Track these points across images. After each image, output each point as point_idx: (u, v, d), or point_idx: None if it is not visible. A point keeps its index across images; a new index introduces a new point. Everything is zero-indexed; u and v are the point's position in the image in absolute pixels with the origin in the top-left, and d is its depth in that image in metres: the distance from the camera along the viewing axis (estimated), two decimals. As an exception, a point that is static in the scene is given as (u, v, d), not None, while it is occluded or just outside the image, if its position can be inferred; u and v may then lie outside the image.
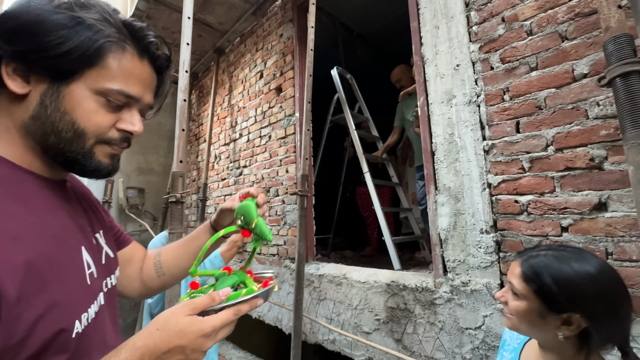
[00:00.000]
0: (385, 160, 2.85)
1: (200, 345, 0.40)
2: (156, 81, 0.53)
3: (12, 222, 0.38)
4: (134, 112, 0.49)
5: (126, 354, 0.38)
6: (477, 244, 1.38)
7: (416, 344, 1.54)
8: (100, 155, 0.48)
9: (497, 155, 1.35)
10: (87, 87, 0.44)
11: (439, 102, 1.58)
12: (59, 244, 0.43)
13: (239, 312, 0.44)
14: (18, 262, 0.36)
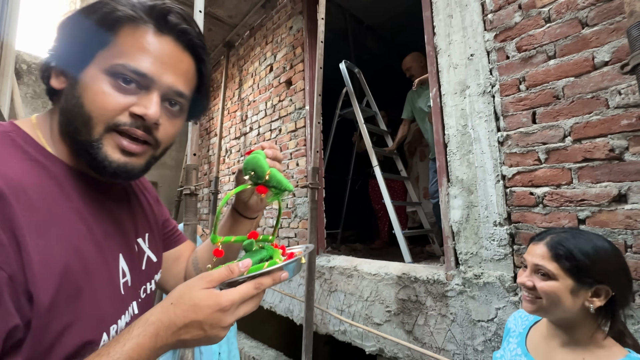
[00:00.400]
0: (393, 154, 2.83)
1: (218, 321, 0.37)
2: (188, 64, 0.45)
3: (58, 225, 0.37)
4: (151, 96, 0.42)
5: (139, 329, 0.36)
6: (490, 237, 1.36)
7: (427, 335, 1.54)
8: (109, 147, 0.41)
9: (512, 146, 1.33)
10: (97, 68, 0.40)
11: (452, 93, 1.55)
12: (98, 252, 0.42)
13: (261, 286, 0.40)
14: (56, 267, 0.35)
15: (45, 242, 0.34)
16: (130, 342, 0.34)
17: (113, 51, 0.40)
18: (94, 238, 0.41)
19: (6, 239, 0.31)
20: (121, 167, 0.42)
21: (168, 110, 0.45)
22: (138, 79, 0.41)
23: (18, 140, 0.39)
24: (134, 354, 0.34)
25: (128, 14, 0.41)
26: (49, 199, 0.37)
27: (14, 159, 0.37)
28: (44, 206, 0.36)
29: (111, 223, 0.46)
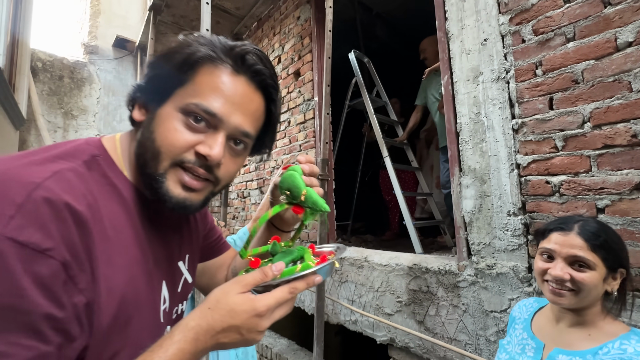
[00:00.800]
0: (404, 144, 2.79)
1: (255, 325, 0.38)
2: (258, 103, 0.46)
3: (122, 254, 0.39)
4: (217, 136, 0.43)
5: (179, 335, 0.36)
6: (504, 227, 1.34)
7: (439, 325, 1.54)
8: (172, 182, 0.42)
9: (528, 134, 1.29)
10: (174, 106, 0.42)
11: (464, 80, 1.51)
12: (148, 281, 0.43)
13: (295, 290, 0.40)
14: (116, 296, 0.37)
15: (111, 272, 0.36)
16: (173, 347, 0.35)
17: (190, 90, 0.42)
18: (147, 266, 0.43)
19: (88, 266, 0.34)
20: (180, 202, 0.43)
21: (231, 149, 0.46)
22: (208, 118, 0.42)
23: (102, 165, 0.42)
24: (176, 359, 0.35)
25: (208, 55, 0.43)
26: (118, 227, 0.40)
27: (97, 186, 0.39)
28: (113, 235, 0.38)
29: (161, 249, 0.48)
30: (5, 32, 2.16)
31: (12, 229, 0.29)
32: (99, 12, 4.36)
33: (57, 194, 0.32)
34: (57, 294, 0.30)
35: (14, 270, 0.28)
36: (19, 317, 0.28)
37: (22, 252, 0.29)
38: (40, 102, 3.53)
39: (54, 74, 3.82)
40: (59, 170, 0.35)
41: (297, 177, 0.48)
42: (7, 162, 0.33)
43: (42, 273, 0.29)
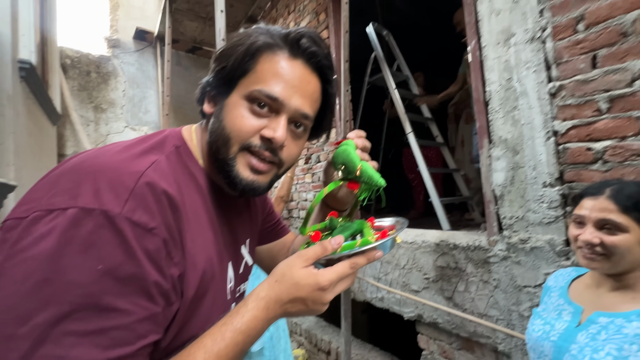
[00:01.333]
0: (429, 119, 2.68)
1: (319, 298, 0.41)
2: (315, 85, 0.48)
3: (201, 235, 0.43)
4: (280, 119, 0.45)
5: (253, 303, 0.41)
6: (538, 199, 1.26)
7: (468, 301, 1.51)
8: (241, 165, 0.45)
9: (567, 97, 1.19)
10: (239, 95, 0.45)
11: (493, 44, 1.40)
12: (219, 260, 0.47)
13: (356, 265, 0.42)
14: (198, 272, 0.41)
15: (194, 250, 0.41)
16: (248, 313, 0.40)
17: (252, 78, 0.45)
18: (218, 247, 0.47)
19: (179, 244, 0.38)
20: (249, 184, 0.46)
21: (293, 132, 0.48)
22: (270, 103, 0.45)
23: (183, 155, 0.46)
24: (251, 324, 0.40)
25: (266, 42, 0.45)
26: (197, 211, 0.44)
27: (180, 174, 0.43)
28: (193, 217, 0.42)
29: (229, 233, 0.52)
30: (34, 30, 2.25)
31: (127, 210, 0.33)
32: (118, 5, 4.43)
33: (156, 181, 0.37)
34: (161, 266, 0.35)
35: (131, 244, 0.33)
36: (139, 283, 0.33)
37: (135, 230, 0.33)
38: (71, 98, 3.71)
39: (82, 70, 3.98)
40: (155, 161, 0.40)
41: (351, 151, 0.48)
42: (115, 156, 0.38)
43: (150, 248, 0.34)
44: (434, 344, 1.72)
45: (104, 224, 0.32)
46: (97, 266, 0.31)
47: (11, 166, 1.70)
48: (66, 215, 0.31)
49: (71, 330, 0.29)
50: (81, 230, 0.31)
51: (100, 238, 0.32)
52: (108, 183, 0.34)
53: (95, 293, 0.31)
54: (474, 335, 1.49)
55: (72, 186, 0.34)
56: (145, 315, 0.33)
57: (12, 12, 1.81)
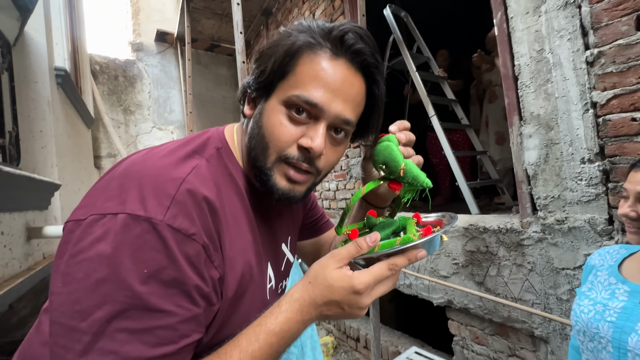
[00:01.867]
0: (453, 101, 2.58)
1: (355, 302, 0.38)
2: (359, 87, 0.45)
3: (239, 237, 0.43)
4: (318, 127, 0.43)
5: (286, 305, 0.40)
6: (576, 176, 1.19)
7: (501, 286, 1.47)
8: (278, 176, 0.44)
9: (607, 65, 1.10)
10: (277, 99, 0.43)
11: (522, 14, 1.31)
12: (258, 262, 0.47)
13: (395, 267, 0.39)
14: (237, 275, 0.42)
15: (233, 253, 0.41)
16: (281, 315, 0.39)
17: (291, 81, 0.43)
18: (257, 248, 0.47)
19: (219, 248, 0.39)
20: (285, 194, 0.45)
21: (332, 138, 0.46)
22: (309, 109, 0.42)
23: (224, 157, 0.46)
24: (285, 326, 0.39)
25: (307, 42, 0.43)
26: (236, 213, 0.44)
27: (220, 176, 0.43)
28: (232, 220, 0.42)
29: (268, 233, 0.51)
30: (66, 39, 2.38)
31: (169, 217, 0.34)
32: (139, 9, 4.59)
33: (197, 187, 0.38)
34: (201, 270, 0.36)
35: (173, 250, 0.34)
36: (180, 286, 0.34)
37: (176, 236, 0.34)
38: (102, 102, 3.92)
39: (110, 75, 4.18)
40: (196, 165, 0.40)
41: (394, 148, 0.43)
42: (159, 161, 0.39)
43: (190, 253, 0.35)
44: (465, 329, 1.69)
45: (149, 230, 0.33)
46: (144, 269, 0.33)
47: (54, 167, 1.84)
48: (117, 220, 0.33)
49: (123, 327, 0.32)
50: (130, 235, 0.33)
51: (145, 243, 0.33)
52: (152, 189, 0.35)
53: (143, 294, 0.32)
54: (508, 320, 1.44)
55: (121, 192, 0.35)
56: (188, 316, 0.35)
57: (46, 22, 1.93)
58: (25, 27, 1.60)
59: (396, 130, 0.48)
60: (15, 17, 1.43)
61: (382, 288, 0.40)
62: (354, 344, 2.61)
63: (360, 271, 0.39)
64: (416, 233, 0.42)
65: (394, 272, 0.39)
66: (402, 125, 0.49)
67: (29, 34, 1.79)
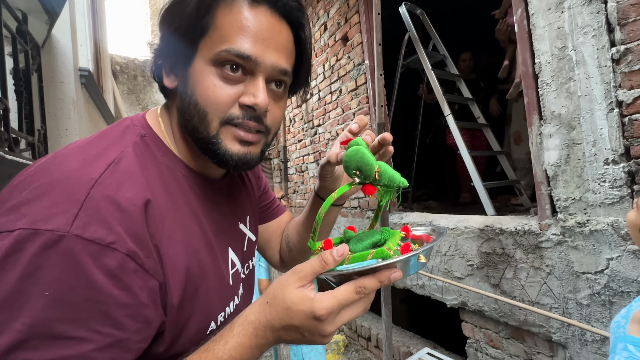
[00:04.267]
0: (469, 100, 2.53)
1: (315, 329, 0.34)
2: (287, 34, 0.41)
3: (181, 230, 0.39)
4: (257, 82, 0.39)
5: (239, 328, 0.35)
6: (599, 178, 1.15)
7: (517, 289, 1.44)
8: (228, 141, 0.40)
9: (634, 62, 1.05)
10: (203, 60, 0.39)
11: (544, 10, 1.28)
12: (209, 251, 0.43)
13: (363, 290, 0.34)
14: (181, 271, 0.37)
15: (173, 249, 0.37)
16: (232, 340, 0.35)
17: (214, 37, 0.38)
18: (206, 238, 0.43)
19: (154, 251, 0.34)
20: (241, 158, 0.41)
21: (273, 93, 0.42)
22: (242, 63, 0.38)
23: (151, 145, 0.41)
24: (236, 353, 0.34)
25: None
26: (174, 205, 0.39)
27: (148, 167, 0.38)
28: (170, 214, 0.38)
29: (220, 218, 0.47)
30: (90, 40, 2.48)
31: (77, 227, 0.29)
32: (157, 10, 4.71)
33: (114, 188, 0.33)
34: (129, 283, 0.31)
35: (85, 265, 0.29)
36: (96, 307, 0.30)
37: (89, 247, 0.29)
38: (122, 101, 4.05)
39: (129, 75, 4.32)
40: (114, 160, 0.35)
41: (365, 152, 0.40)
42: (67, 162, 0.34)
43: (111, 265, 0.30)
44: (479, 332, 1.67)
45: (50, 244, 0.28)
46: (44, 292, 0.28)
47: (78, 164, 1.91)
48: (11, 237, 0.28)
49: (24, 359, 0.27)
50: (25, 253, 0.28)
51: (45, 261, 0.28)
52: (57, 197, 0.30)
53: (45, 320, 0.28)
54: (524, 324, 1.42)
55: (19, 203, 0.30)
56: (108, 342, 0.30)
57: (72, 25, 2.01)
58: (52, 29, 1.67)
59: (357, 128, 0.46)
60: (44, 20, 1.50)
61: (349, 313, 0.35)
62: (365, 342, 2.61)
63: (324, 294, 0.34)
64: (392, 247, 0.37)
65: (362, 295, 0.34)
66: (361, 122, 0.46)
67: (56, 36, 1.87)
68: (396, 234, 0.42)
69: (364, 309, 0.36)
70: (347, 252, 0.35)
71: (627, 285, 1.09)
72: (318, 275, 0.35)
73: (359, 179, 0.41)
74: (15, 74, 1.27)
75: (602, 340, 1.16)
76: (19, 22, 1.33)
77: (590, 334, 1.19)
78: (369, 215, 2.45)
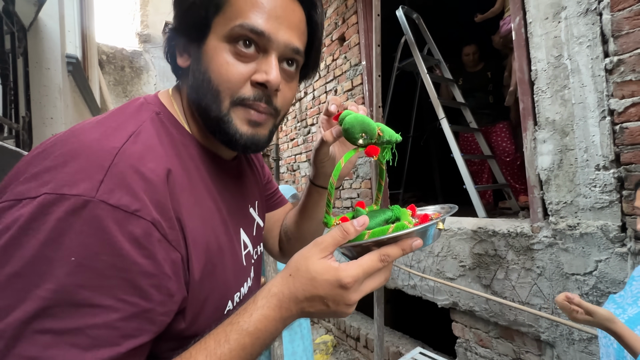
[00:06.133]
0: (462, 105, 2.59)
1: (341, 298, 0.34)
2: (300, 13, 0.42)
3: (199, 206, 0.39)
4: (269, 59, 0.39)
5: (263, 300, 0.35)
6: (590, 183, 1.20)
7: (508, 289, 1.47)
8: (238, 121, 0.40)
9: (626, 73, 1.10)
10: (217, 37, 0.38)
11: (541, 19, 1.32)
12: (225, 230, 0.43)
13: (387, 257, 0.34)
14: (202, 246, 0.37)
15: (193, 224, 0.36)
16: (257, 312, 0.34)
17: (228, 13, 0.38)
18: (222, 216, 0.43)
19: (176, 223, 0.34)
20: (250, 139, 0.41)
21: (285, 72, 0.42)
22: (256, 39, 0.38)
23: (166, 122, 0.40)
24: (260, 325, 0.34)
25: None
26: (192, 181, 0.39)
27: (167, 144, 0.38)
28: (189, 188, 0.38)
29: (232, 199, 0.47)
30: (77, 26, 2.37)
31: (102, 193, 0.29)
32: (147, 1, 4.57)
33: (137, 157, 0.33)
34: (154, 252, 0.31)
35: (110, 231, 0.28)
36: (121, 274, 0.29)
37: (115, 214, 0.29)
38: (108, 92, 3.90)
39: (116, 65, 4.17)
40: (133, 132, 0.35)
41: (363, 116, 0.41)
42: (88, 133, 0.33)
43: (136, 233, 0.30)
44: (469, 332, 1.70)
45: (76, 210, 0.28)
46: (70, 257, 0.27)
47: (64, 155, 1.83)
48: (35, 203, 0.28)
49: (45, 329, 0.26)
50: (50, 218, 0.27)
51: (71, 226, 0.28)
52: (81, 164, 0.30)
53: (69, 287, 0.27)
54: (514, 324, 1.45)
55: (40, 171, 0.29)
56: (133, 312, 0.29)
57: (59, 7, 1.92)
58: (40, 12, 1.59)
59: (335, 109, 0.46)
60: (33, 1, 1.42)
61: (372, 282, 0.35)
62: (354, 343, 2.61)
63: (348, 263, 0.34)
64: (411, 221, 0.39)
65: (386, 263, 0.35)
66: (337, 102, 0.47)
67: (43, 19, 1.78)
68: (406, 211, 0.42)
69: (385, 279, 0.36)
70: (368, 222, 0.36)
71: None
72: (340, 246, 0.36)
73: (364, 142, 0.41)
74: (0, 56, 1.20)
75: (589, 339, 1.21)
76: (6, 2, 1.25)
77: (577, 333, 1.24)
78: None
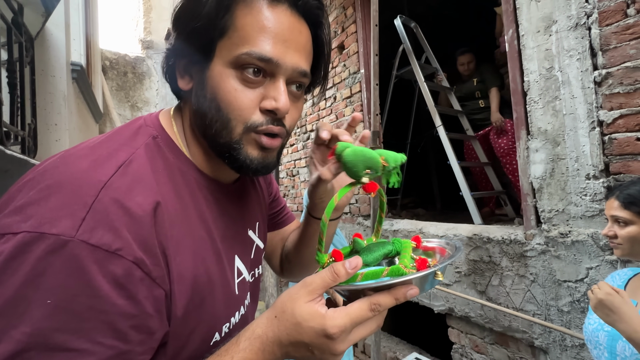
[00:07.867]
0: (459, 112, 2.63)
1: (326, 347, 0.32)
2: (307, 34, 0.41)
3: (189, 237, 0.38)
4: (277, 84, 0.38)
5: (245, 343, 0.34)
6: (581, 192, 1.23)
7: (502, 296, 1.50)
8: (249, 147, 0.39)
9: (614, 86, 1.14)
10: (222, 62, 0.37)
11: (533, 32, 1.36)
12: (217, 260, 0.42)
13: (378, 307, 0.32)
14: (188, 280, 0.36)
15: (181, 257, 0.35)
16: (238, 355, 0.33)
17: (234, 38, 0.37)
18: (214, 245, 0.41)
19: (161, 258, 0.33)
20: (261, 163, 0.40)
21: (292, 95, 0.41)
22: (263, 66, 0.37)
23: (163, 147, 0.40)
24: None
25: None
26: (184, 210, 0.38)
27: (159, 170, 0.37)
28: (179, 220, 0.37)
29: (229, 224, 0.46)
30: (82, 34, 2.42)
31: (83, 232, 0.28)
32: (151, 7, 4.65)
33: (123, 191, 0.32)
34: (133, 292, 0.30)
35: (89, 272, 0.28)
36: (100, 316, 0.28)
37: (95, 254, 0.28)
38: (111, 97, 3.95)
39: (119, 71, 4.23)
40: (124, 162, 0.34)
41: (363, 148, 0.38)
42: (77, 162, 0.33)
43: (117, 273, 0.29)
44: (465, 337, 1.72)
45: (55, 249, 0.27)
46: (47, 300, 0.27)
47: (67, 160, 1.86)
48: (15, 240, 0.27)
49: None
50: (28, 257, 0.27)
51: (49, 266, 0.27)
52: (64, 199, 0.29)
53: (44, 330, 0.26)
54: (508, 330, 1.47)
55: (25, 204, 0.29)
56: (110, 354, 0.29)
57: (65, 17, 1.97)
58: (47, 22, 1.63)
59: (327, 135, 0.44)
60: (41, 12, 1.47)
61: (362, 331, 0.33)
62: (352, 348, 2.62)
63: (335, 310, 0.32)
64: (408, 264, 0.35)
65: (377, 313, 0.32)
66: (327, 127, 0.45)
67: (49, 28, 1.82)
68: (408, 245, 0.40)
69: (377, 327, 0.34)
70: (361, 264, 0.34)
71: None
72: (329, 289, 0.34)
73: (370, 177, 0.38)
74: (9, 66, 1.24)
75: (581, 345, 1.23)
76: (15, 14, 1.29)
77: (570, 339, 1.26)
78: (359, 221, 2.48)
